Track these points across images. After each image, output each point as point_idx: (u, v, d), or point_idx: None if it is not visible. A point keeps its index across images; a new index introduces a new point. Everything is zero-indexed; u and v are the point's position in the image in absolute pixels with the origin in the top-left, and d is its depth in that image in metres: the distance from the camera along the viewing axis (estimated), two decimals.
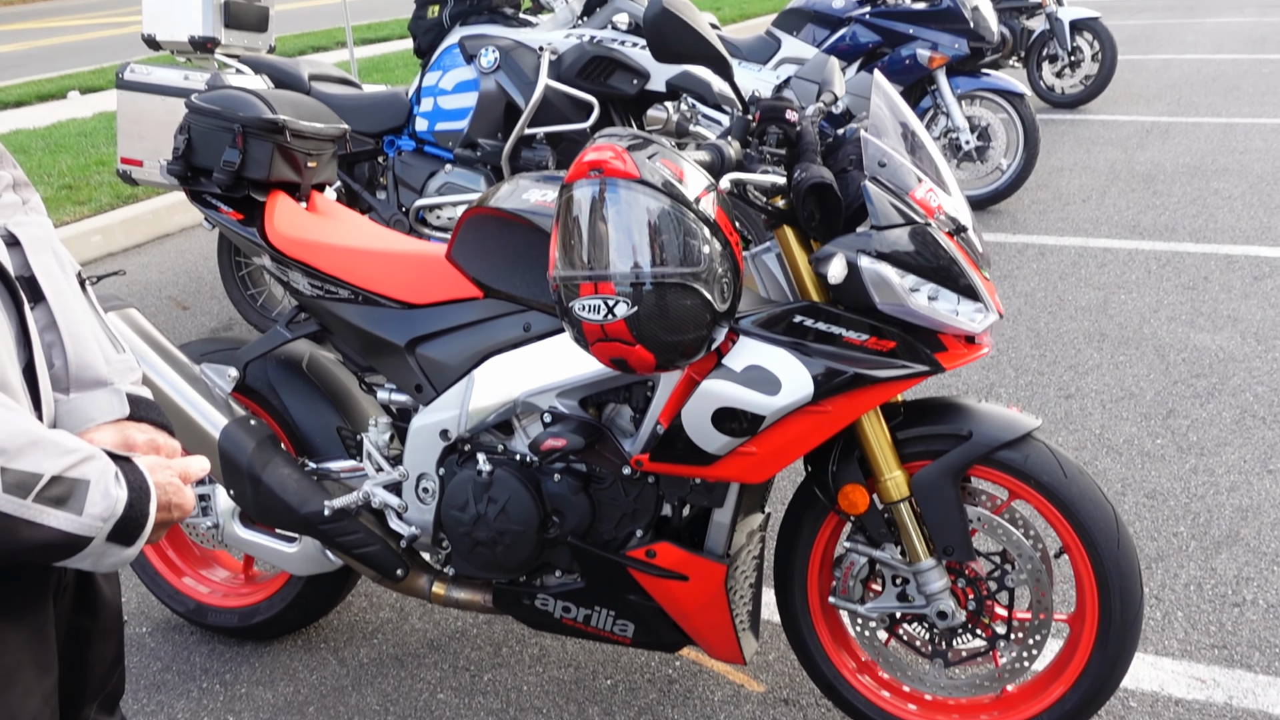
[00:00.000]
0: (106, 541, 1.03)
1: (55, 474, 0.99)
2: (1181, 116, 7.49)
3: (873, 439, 1.96)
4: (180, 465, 1.16)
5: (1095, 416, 3.41)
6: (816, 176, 1.80)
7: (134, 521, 1.05)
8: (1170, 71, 9.11)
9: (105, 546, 1.04)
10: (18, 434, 0.98)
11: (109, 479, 1.03)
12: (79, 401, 1.17)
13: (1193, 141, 6.80)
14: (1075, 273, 4.67)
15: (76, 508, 1.00)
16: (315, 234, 2.30)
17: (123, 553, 1.06)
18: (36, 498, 0.98)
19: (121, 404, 1.20)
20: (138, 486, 1.06)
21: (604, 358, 1.74)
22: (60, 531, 0.99)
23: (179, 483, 1.14)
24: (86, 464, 1.02)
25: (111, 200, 6.02)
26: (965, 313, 1.84)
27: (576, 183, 1.71)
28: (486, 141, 3.89)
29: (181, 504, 1.13)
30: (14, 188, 1.22)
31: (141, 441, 1.19)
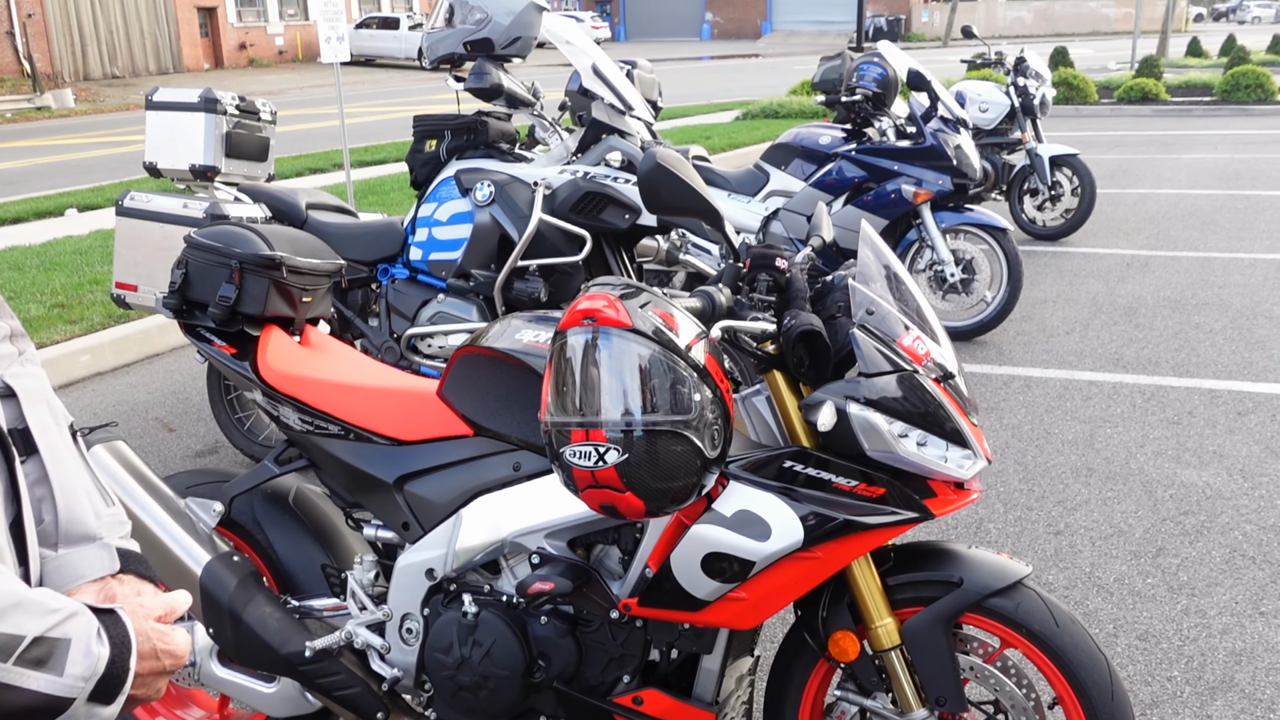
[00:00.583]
0: (88, 702, 1.01)
1: (38, 635, 0.97)
2: (1161, 250, 7.66)
3: (863, 585, 1.94)
4: (162, 604, 1.14)
5: (1085, 554, 3.40)
6: (806, 324, 1.83)
7: (114, 679, 1.03)
8: (1148, 206, 9.35)
9: (86, 708, 1.01)
10: (1, 595, 0.97)
11: (91, 636, 1.01)
12: (68, 558, 1.16)
13: (1172, 275, 6.94)
14: (1061, 405, 4.71)
15: (58, 668, 0.98)
16: (307, 369, 2.32)
17: (103, 712, 1.03)
18: (18, 660, 0.96)
19: (111, 560, 1.19)
20: (119, 642, 1.04)
21: (594, 504, 1.73)
22: (41, 694, 0.97)
23: (164, 628, 1.11)
24: (69, 622, 1.00)
25: (103, 319, 6.05)
26: (954, 459, 1.85)
27: (570, 330, 1.73)
28: (480, 272, 3.95)
29: (171, 649, 1.11)
30: (11, 339, 1.23)
31: (126, 594, 1.18)
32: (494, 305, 3.95)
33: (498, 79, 3.92)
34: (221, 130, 4.27)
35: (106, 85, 30.62)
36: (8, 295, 6.58)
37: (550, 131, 4.28)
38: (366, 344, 4.19)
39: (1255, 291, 6.47)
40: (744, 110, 16.75)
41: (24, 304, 6.35)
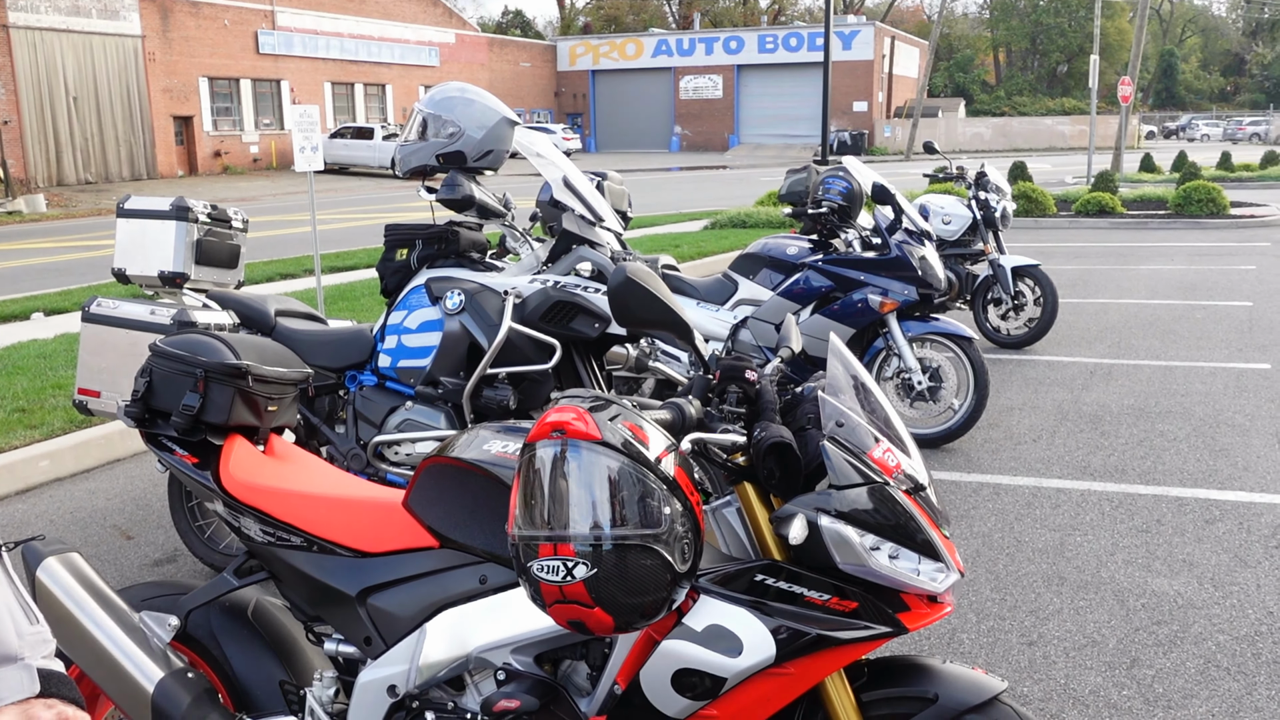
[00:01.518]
0: None
1: None
2: (1123, 359, 7.79)
3: (837, 702, 1.90)
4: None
5: (1059, 665, 3.36)
6: (775, 436, 1.83)
7: None
8: (1109, 315, 9.54)
9: None
10: None
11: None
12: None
13: (1135, 383, 7.04)
14: (1030, 513, 4.71)
15: None
16: (270, 479, 2.28)
17: None
18: None
19: (33, 682, 1.16)
20: None
21: (561, 620, 1.70)
22: None
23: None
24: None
25: (64, 425, 5.96)
26: (926, 572, 1.84)
27: (539, 442, 1.72)
28: (448, 380, 3.94)
29: None
30: None
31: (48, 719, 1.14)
32: (462, 413, 3.93)
33: (469, 190, 3.97)
34: (192, 238, 4.28)
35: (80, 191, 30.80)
36: None
37: (521, 241, 4.32)
38: (332, 451, 4.14)
39: (1216, 400, 6.56)
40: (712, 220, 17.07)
41: None
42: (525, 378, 3.92)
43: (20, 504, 5.19)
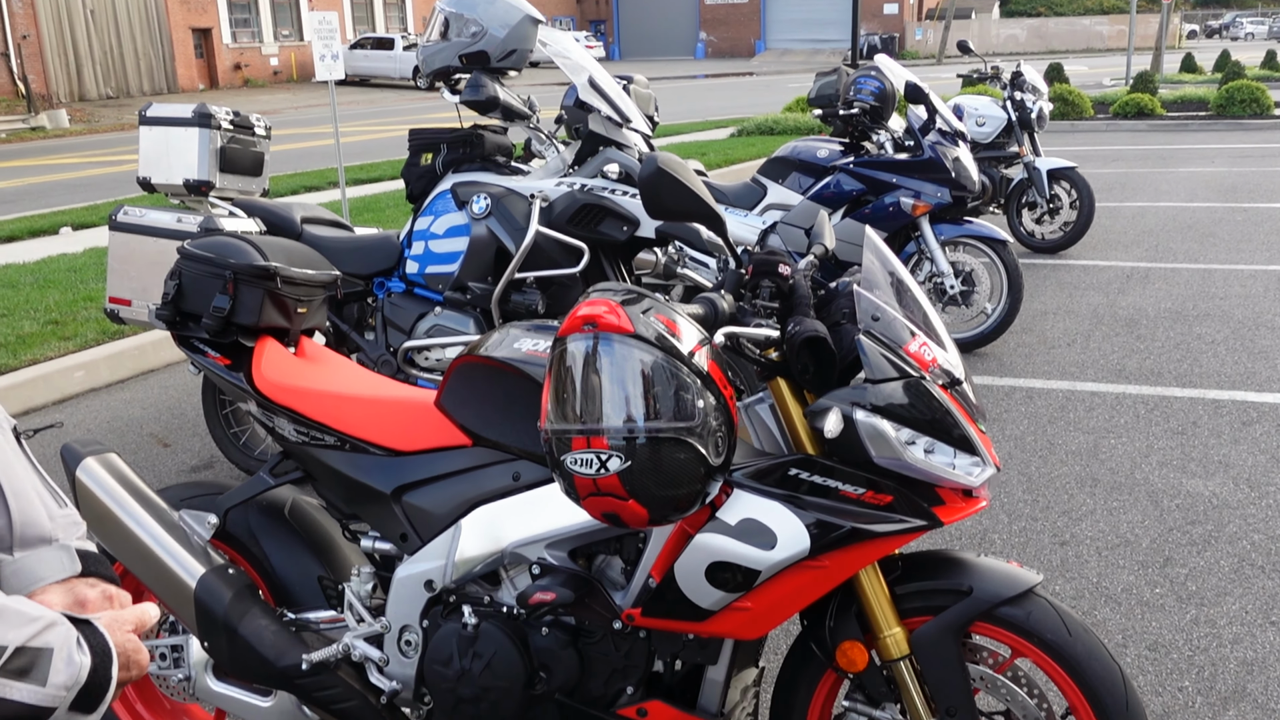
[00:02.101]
0: (69, 710, 1.00)
1: (19, 645, 0.96)
2: (1160, 262, 7.65)
3: (871, 594, 1.91)
4: (134, 618, 1.13)
5: (1092, 564, 3.36)
6: (810, 330, 1.80)
7: (97, 688, 1.02)
8: (1146, 219, 9.35)
9: (68, 716, 1.00)
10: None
11: (72, 646, 1.00)
12: (26, 561, 1.14)
13: (1173, 287, 6.93)
14: (1064, 416, 4.68)
15: (40, 678, 0.97)
16: (303, 380, 2.28)
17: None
18: (1, 671, 0.94)
19: (73, 562, 1.17)
20: (100, 651, 1.03)
21: (596, 512, 1.70)
22: (24, 705, 0.96)
23: (137, 640, 1.11)
24: (49, 632, 0.99)
25: (97, 336, 6.01)
26: (962, 466, 1.82)
27: (570, 336, 1.70)
28: (476, 285, 3.92)
29: (140, 661, 1.11)
30: None
31: (94, 597, 1.16)
32: (491, 318, 3.92)
33: (494, 91, 3.90)
34: (216, 145, 4.25)
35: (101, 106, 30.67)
36: (1, 313, 6.54)
37: (547, 144, 4.26)
38: (362, 358, 4.15)
39: (1256, 302, 6.45)
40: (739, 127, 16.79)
41: (18, 321, 6.32)
42: (553, 282, 3.90)
43: (57, 414, 5.27)
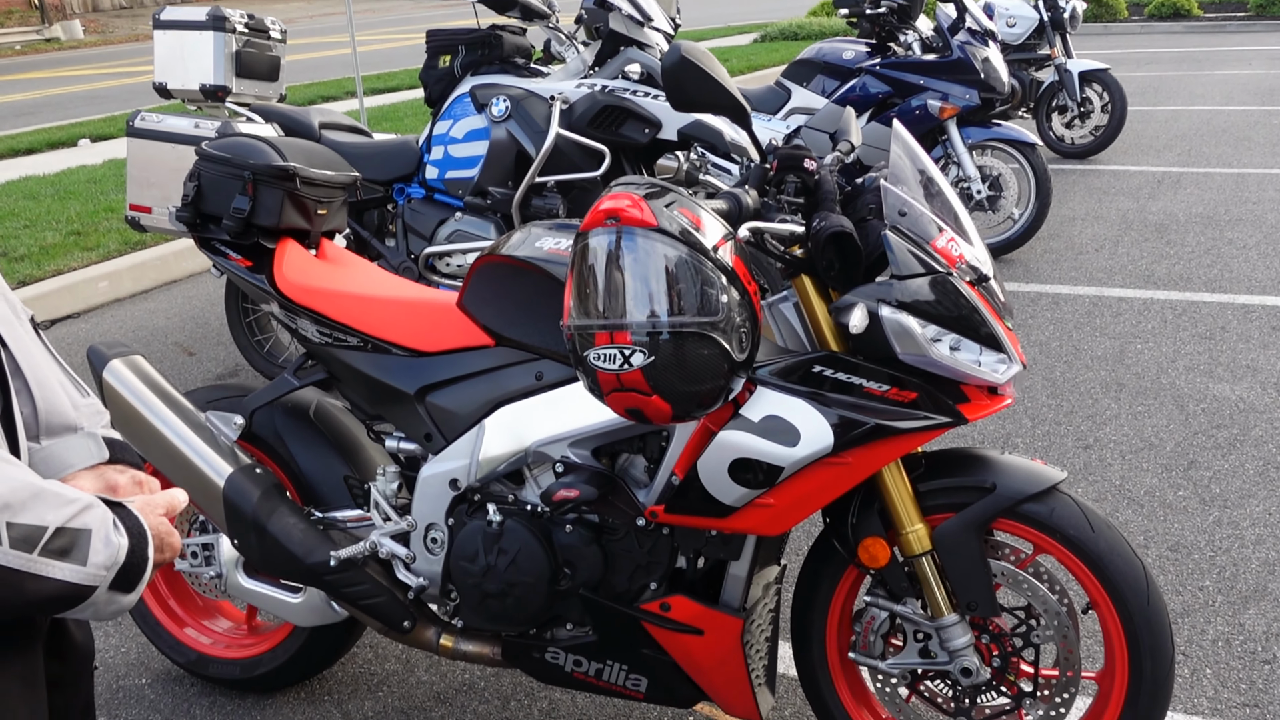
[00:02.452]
0: (109, 590, 1.02)
1: (59, 525, 0.97)
2: (1193, 167, 7.49)
3: (894, 491, 1.91)
4: (165, 502, 1.14)
5: (1115, 468, 3.35)
6: (836, 225, 1.77)
7: (135, 567, 1.04)
8: (1180, 122, 9.14)
9: (108, 595, 1.02)
10: (20, 487, 0.96)
11: (109, 527, 1.02)
12: (54, 448, 1.15)
13: (1205, 192, 6.79)
14: (1090, 322, 4.63)
15: (80, 558, 0.99)
16: (324, 281, 2.27)
17: (123, 600, 1.04)
18: (42, 551, 0.96)
19: (100, 449, 1.18)
20: (136, 532, 1.05)
21: (619, 408, 1.70)
22: (66, 583, 0.98)
23: (168, 523, 1.13)
24: (86, 513, 1.00)
25: (119, 246, 6.03)
26: (988, 363, 1.80)
27: (592, 231, 1.68)
28: (497, 190, 3.89)
29: (173, 544, 1.12)
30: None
31: (124, 482, 1.18)
32: (512, 223, 3.89)
33: None
34: (231, 49, 4.19)
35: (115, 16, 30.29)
36: (22, 224, 6.56)
37: (566, 45, 4.17)
38: (384, 264, 4.14)
39: None
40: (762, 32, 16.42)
41: (40, 232, 6.34)
42: (574, 186, 3.85)
43: (83, 324, 5.31)
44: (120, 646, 2.74)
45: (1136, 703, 1.87)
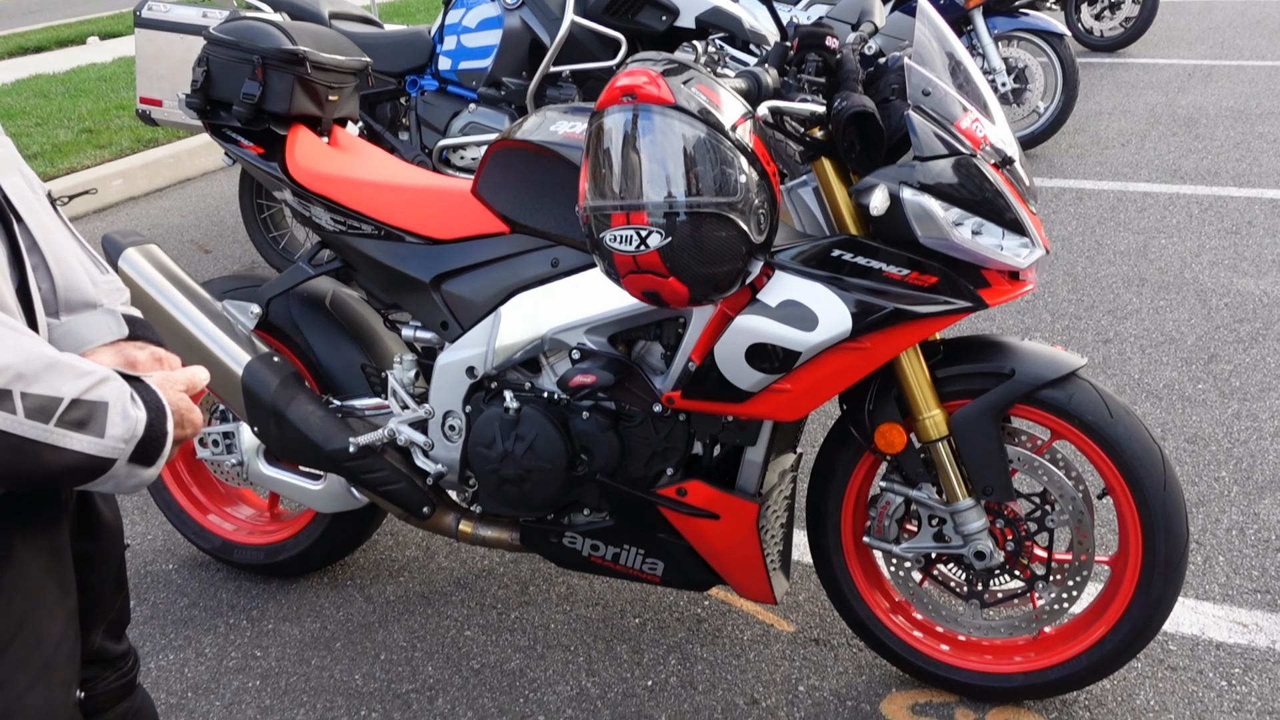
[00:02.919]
0: (129, 463, 1.02)
1: (75, 397, 0.97)
2: (1225, 59, 7.28)
3: (911, 377, 1.90)
4: (185, 378, 1.13)
5: (1134, 361, 3.33)
6: (858, 105, 1.72)
7: (154, 441, 1.03)
8: (1213, 14, 8.85)
9: (128, 468, 1.02)
10: (34, 358, 0.95)
11: (126, 400, 1.01)
12: (73, 324, 1.14)
13: (1236, 85, 6.61)
14: (1114, 217, 4.56)
15: (98, 430, 0.98)
16: (337, 168, 2.25)
17: (143, 473, 1.04)
18: (58, 422, 0.95)
19: (119, 325, 1.17)
20: (154, 406, 1.04)
21: (635, 291, 1.68)
22: (84, 455, 0.98)
23: (189, 399, 1.12)
24: (103, 386, 1.00)
25: (132, 144, 5.98)
26: (1010, 248, 1.77)
27: (608, 109, 1.64)
28: (511, 80, 3.81)
29: (194, 420, 1.12)
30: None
31: (143, 359, 1.17)
32: (526, 114, 3.83)
33: None
34: None
35: None
36: (34, 122, 6.51)
37: None
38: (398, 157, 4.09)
39: None
40: None
41: (52, 130, 6.29)
42: (590, 76, 3.77)
43: (98, 222, 5.30)
44: (147, 534, 2.79)
45: (1149, 586, 1.88)
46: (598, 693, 2.17)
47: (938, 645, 2.09)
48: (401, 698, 2.18)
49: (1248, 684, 2.08)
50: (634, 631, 2.33)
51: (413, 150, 4.04)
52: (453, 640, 2.34)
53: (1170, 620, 2.25)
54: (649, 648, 2.28)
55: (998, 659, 2.05)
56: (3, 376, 0.92)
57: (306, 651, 2.33)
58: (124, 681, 1.33)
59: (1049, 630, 2.05)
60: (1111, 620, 1.93)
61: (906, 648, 2.09)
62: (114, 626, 1.31)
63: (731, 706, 2.11)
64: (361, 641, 2.35)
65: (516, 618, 2.40)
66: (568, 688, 2.18)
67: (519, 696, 2.17)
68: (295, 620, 2.43)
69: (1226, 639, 2.19)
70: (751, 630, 2.31)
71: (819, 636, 2.28)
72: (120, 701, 1.33)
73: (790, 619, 2.33)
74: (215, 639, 2.39)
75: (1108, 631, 1.93)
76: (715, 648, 2.27)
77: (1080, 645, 1.97)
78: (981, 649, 2.08)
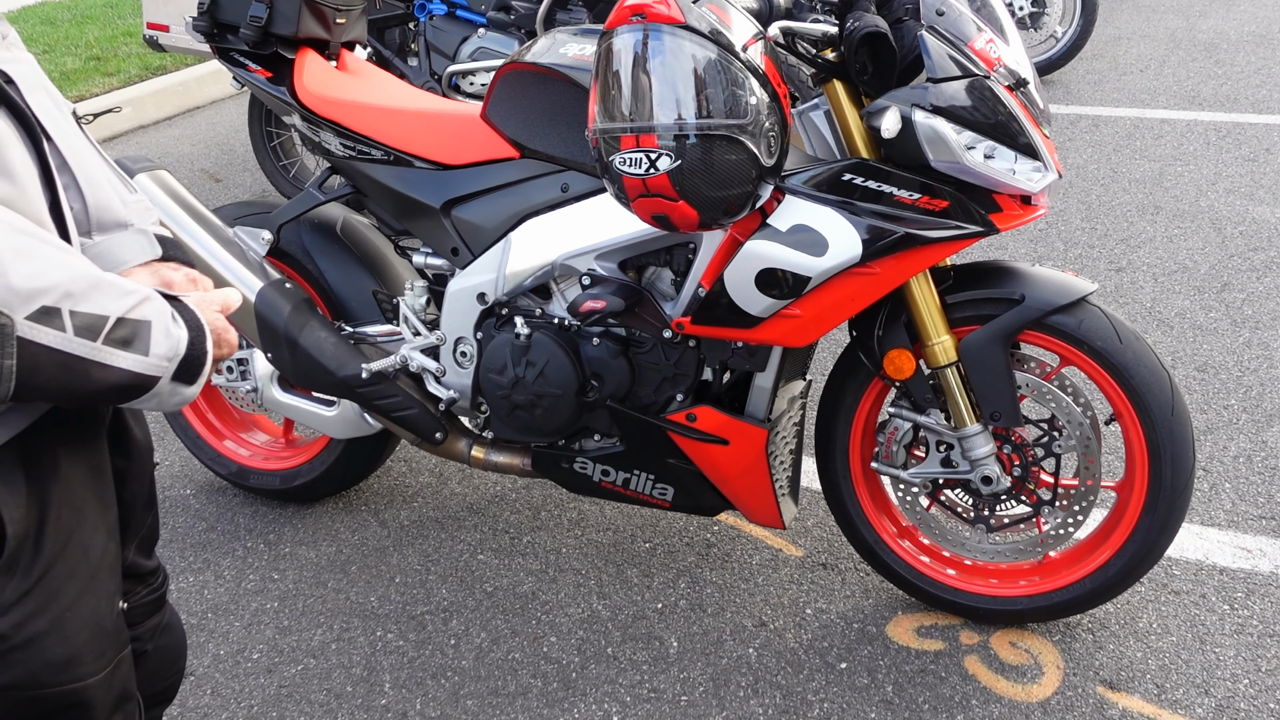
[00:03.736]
0: (171, 381, 1.03)
1: (120, 315, 0.98)
2: None
3: (921, 303, 1.90)
4: (220, 299, 1.15)
5: (1146, 290, 3.32)
6: (870, 25, 1.70)
7: (195, 360, 1.05)
8: None
9: (171, 386, 1.03)
10: (80, 276, 0.96)
11: (168, 319, 1.03)
12: (107, 244, 1.14)
13: (1259, 9, 6.47)
14: (1130, 144, 4.50)
15: (143, 349, 1.00)
16: (346, 93, 2.23)
17: (186, 391, 1.06)
18: (105, 340, 0.97)
19: (153, 245, 1.18)
20: (194, 325, 1.06)
21: (645, 214, 1.68)
22: (130, 372, 0.99)
23: (224, 319, 1.13)
24: (146, 305, 1.01)
25: (140, 72, 5.94)
26: (1023, 172, 1.76)
27: (617, 30, 1.62)
28: (521, 4, 3.76)
29: (230, 340, 1.13)
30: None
31: (179, 279, 1.18)
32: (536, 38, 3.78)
33: None
34: None
35: None
36: (41, 49, 6.46)
37: None
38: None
39: None
40: None
41: (60, 57, 6.24)
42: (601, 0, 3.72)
43: (108, 150, 5.28)
44: (165, 460, 2.83)
45: (1154, 510, 1.90)
46: (608, 615, 2.21)
47: (944, 570, 2.12)
48: (416, 619, 2.23)
49: (1249, 607, 2.10)
50: (644, 556, 2.36)
51: (422, 76, 4.00)
52: (466, 564, 2.38)
53: (1175, 545, 2.27)
54: (659, 571, 2.32)
55: (1003, 583, 2.08)
56: (53, 294, 0.92)
57: (323, 574, 2.38)
58: (155, 596, 1.37)
59: (1054, 555, 2.07)
60: (1116, 545, 1.95)
61: (913, 571, 2.12)
62: (145, 543, 1.34)
63: (740, 629, 2.15)
64: (376, 565, 2.39)
65: (529, 542, 2.44)
66: (579, 610, 2.23)
67: (531, 618, 2.21)
68: (311, 544, 2.48)
69: (1230, 564, 2.21)
70: (760, 555, 2.34)
71: (827, 561, 2.31)
72: (152, 616, 1.37)
73: (798, 544, 2.37)
74: (233, 562, 2.43)
75: (1112, 556, 1.95)
76: (724, 571, 2.30)
77: (1085, 569, 1.99)
78: (988, 573, 2.11)
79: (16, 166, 1.00)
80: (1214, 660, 1.99)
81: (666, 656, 2.09)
